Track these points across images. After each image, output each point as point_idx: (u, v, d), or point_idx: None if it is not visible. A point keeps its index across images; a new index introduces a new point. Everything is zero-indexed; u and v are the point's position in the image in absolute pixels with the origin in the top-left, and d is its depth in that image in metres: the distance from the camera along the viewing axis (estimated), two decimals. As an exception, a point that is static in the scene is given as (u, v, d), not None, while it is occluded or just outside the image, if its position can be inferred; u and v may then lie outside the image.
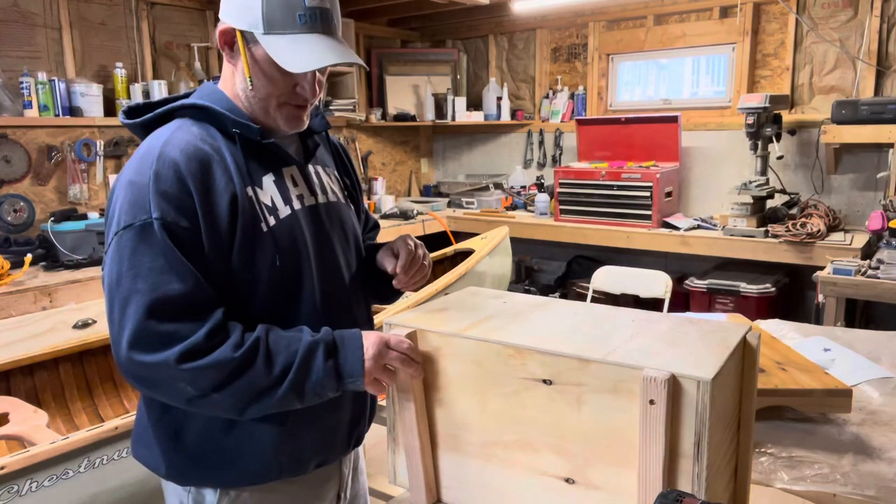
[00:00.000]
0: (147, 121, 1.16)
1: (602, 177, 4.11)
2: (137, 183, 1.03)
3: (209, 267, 1.04)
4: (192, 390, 1.00)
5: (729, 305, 3.68)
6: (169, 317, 0.99)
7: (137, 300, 0.99)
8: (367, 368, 1.06)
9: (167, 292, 0.99)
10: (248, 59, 1.10)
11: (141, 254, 1.00)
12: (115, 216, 1.04)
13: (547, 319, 1.11)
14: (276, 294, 1.11)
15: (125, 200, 1.03)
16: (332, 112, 4.51)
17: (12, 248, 3.14)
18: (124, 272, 1.00)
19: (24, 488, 1.66)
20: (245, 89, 1.12)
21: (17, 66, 3.31)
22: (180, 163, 1.04)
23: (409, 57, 5.20)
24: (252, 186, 1.11)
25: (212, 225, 1.04)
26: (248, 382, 1.01)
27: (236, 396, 1.01)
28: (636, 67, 4.67)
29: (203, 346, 0.99)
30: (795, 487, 1.25)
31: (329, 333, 1.08)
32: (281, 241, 1.11)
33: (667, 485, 0.90)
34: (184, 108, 1.15)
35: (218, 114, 1.12)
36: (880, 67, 3.64)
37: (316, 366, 1.04)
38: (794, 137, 3.91)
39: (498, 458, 1.06)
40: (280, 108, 1.13)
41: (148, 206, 1.01)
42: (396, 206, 4.71)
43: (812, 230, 3.38)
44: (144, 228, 1.01)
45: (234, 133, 1.11)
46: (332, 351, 1.06)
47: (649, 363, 0.90)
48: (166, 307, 0.99)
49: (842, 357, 1.78)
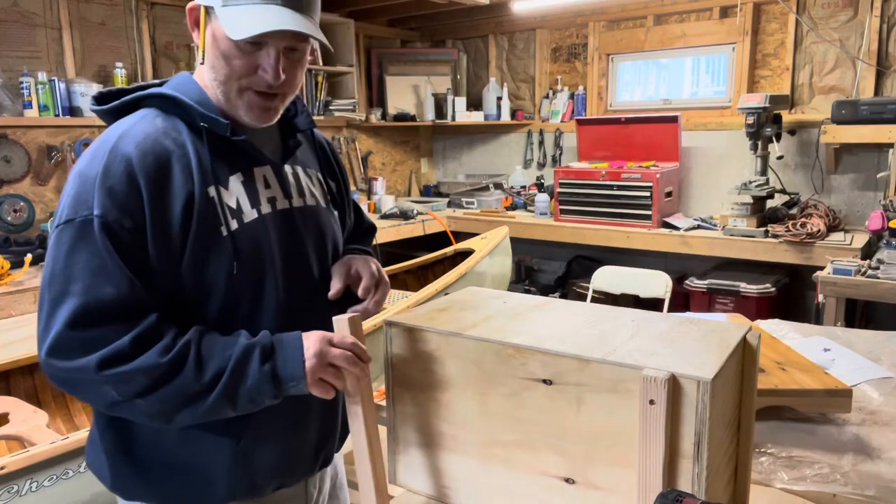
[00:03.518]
0: (114, 108, 1.08)
1: (602, 177, 4.11)
2: (86, 175, 0.97)
3: (153, 271, 0.97)
4: (115, 394, 0.94)
5: (729, 305, 3.68)
6: (96, 322, 0.93)
7: (67, 304, 0.93)
8: (309, 368, 0.98)
9: (98, 297, 0.93)
10: (207, 35, 1.02)
11: (77, 252, 0.94)
12: (60, 208, 0.98)
13: (547, 319, 1.11)
14: (232, 304, 1.04)
15: (71, 193, 0.97)
16: (333, 112, 4.51)
17: (12, 248, 3.14)
18: (58, 271, 0.95)
19: (24, 488, 1.66)
20: (209, 73, 1.04)
21: (17, 66, 3.31)
22: (133, 158, 0.96)
23: (409, 57, 5.20)
24: (216, 186, 1.02)
25: (161, 227, 0.97)
26: (175, 388, 0.95)
27: (163, 402, 0.95)
28: (636, 67, 4.67)
29: (128, 351, 0.93)
30: (795, 487, 1.25)
31: (266, 336, 1.01)
32: (242, 248, 1.03)
33: (667, 485, 0.90)
34: (151, 98, 1.06)
35: (186, 105, 1.03)
36: (880, 67, 3.64)
37: (251, 370, 0.97)
38: (794, 137, 3.91)
39: (498, 458, 1.06)
40: (241, 95, 1.04)
41: (91, 202, 0.94)
42: (396, 206, 4.71)
43: (812, 230, 3.38)
44: (84, 226, 0.94)
45: (201, 127, 1.03)
46: (268, 353, 0.99)
47: (649, 363, 0.90)
48: (95, 313, 0.93)
49: (842, 357, 1.78)
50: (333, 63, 4.49)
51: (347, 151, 4.97)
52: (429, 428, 1.13)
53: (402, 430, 1.16)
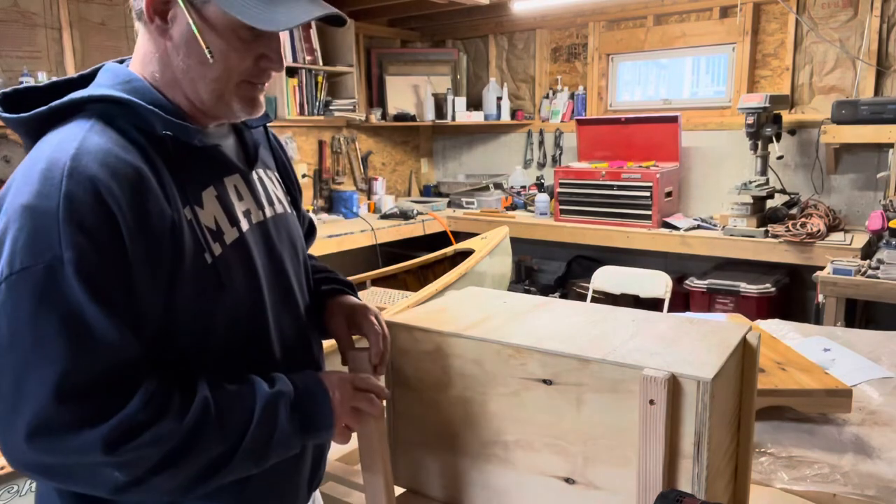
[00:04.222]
0: (41, 115, 0.85)
1: (602, 177, 4.11)
2: (39, 209, 0.75)
3: (143, 318, 0.80)
4: (121, 476, 0.76)
5: (729, 305, 3.68)
6: (91, 389, 0.75)
7: (41, 374, 0.73)
8: (337, 416, 0.91)
9: (86, 361, 0.75)
10: (184, 28, 0.84)
11: (46, 308, 0.74)
12: (5, 254, 0.76)
13: (547, 319, 1.11)
14: (231, 335, 0.90)
15: (20, 233, 0.75)
16: (332, 112, 4.51)
17: (12, 248, 3.14)
18: (19, 332, 0.74)
19: (24, 488, 1.66)
20: (188, 69, 0.86)
21: (17, 66, 3.30)
22: (101, 181, 0.77)
23: (409, 57, 5.20)
24: (191, 206, 0.86)
25: (146, 263, 0.79)
26: (197, 455, 0.80)
27: (184, 474, 0.80)
28: (636, 67, 4.67)
29: (142, 419, 0.76)
30: (795, 487, 1.25)
31: (286, 383, 0.90)
32: (233, 274, 0.89)
33: (667, 485, 0.90)
34: (92, 101, 0.85)
35: (142, 110, 0.84)
36: (880, 67, 3.64)
37: (280, 424, 0.86)
38: (794, 137, 3.91)
39: (498, 458, 1.06)
40: (238, 89, 0.89)
41: (56, 242, 0.74)
42: (396, 206, 4.71)
43: (812, 230, 3.38)
44: (51, 273, 0.74)
45: (163, 136, 0.85)
46: (296, 404, 0.88)
47: (649, 363, 0.90)
48: (87, 378, 0.75)
49: (842, 357, 1.78)
50: (333, 63, 4.49)
51: (347, 151, 4.97)
52: (429, 428, 1.13)
53: (403, 430, 1.16)
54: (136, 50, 0.91)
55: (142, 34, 0.89)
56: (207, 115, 0.92)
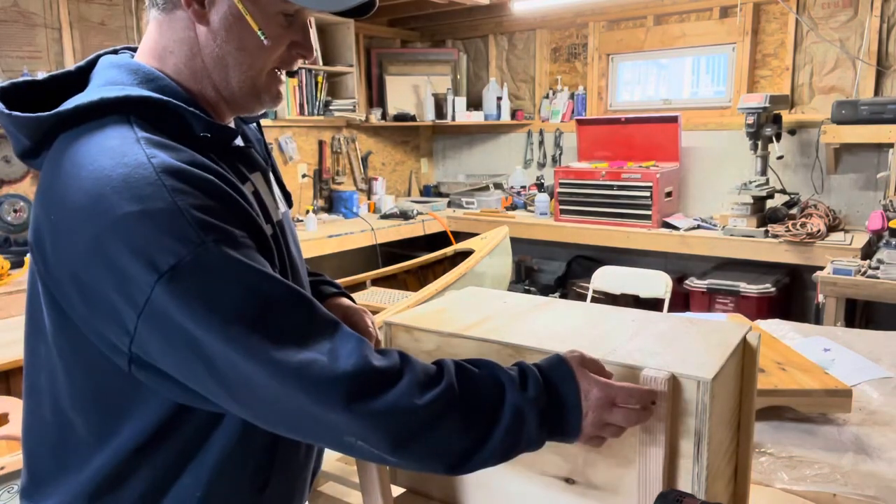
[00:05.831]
0: (61, 116, 0.77)
1: (602, 177, 4.11)
2: (149, 212, 0.69)
3: None
4: (468, 437, 0.77)
5: (729, 305, 3.68)
6: (365, 344, 0.77)
7: (333, 331, 0.75)
8: (584, 432, 0.83)
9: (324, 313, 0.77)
10: (224, 15, 0.81)
11: (248, 272, 0.72)
12: (129, 266, 0.69)
13: (547, 319, 1.11)
14: None
15: (142, 241, 0.69)
16: (332, 112, 4.51)
17: (12, 248, 3.14)
18: (255, 289, 0.73)
19: (24, 488, 1.65)
20: (223, 56, 0.82)
21: (17, 66, 3.30)
22: (200, 173, 0.74)
23: (409, 57, 5.20)
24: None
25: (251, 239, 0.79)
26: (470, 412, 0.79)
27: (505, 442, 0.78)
28: (636, 67, 4.67)
29: (432, 369, 0.80)
30: (795, 487, 1.25)
31: (538, 386, 0.81)
32: (283, 272, 0.89)
33: (667, 485, 0.89)
34: (125, 104, 0.77)
35: (184, 112, 0.80)
36: (880, 67, 3.64)
37: (527, 435, 0.80)
38: (794, 137, 3.91)
39: (498, 458, 1.06)
40: (271, 78, 0.87)
41: (190, 233, 0.70)
42: (396, 206, 4.71)
43: (812, 230, 3.38)
44: (206, 252, 0.70)
45: (203, 138, 0.80)
46: (545, 416, 0.81)
47: (649, 363, 0.90)
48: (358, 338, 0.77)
49: (842, 357, 1.78)
50: (333, 63, 4.49)
51: (347, 151, 4.97)
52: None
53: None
54: (147, 42, 0.86)
55: (161, 24, 0.84)
56: (233, 107, 0.89)
